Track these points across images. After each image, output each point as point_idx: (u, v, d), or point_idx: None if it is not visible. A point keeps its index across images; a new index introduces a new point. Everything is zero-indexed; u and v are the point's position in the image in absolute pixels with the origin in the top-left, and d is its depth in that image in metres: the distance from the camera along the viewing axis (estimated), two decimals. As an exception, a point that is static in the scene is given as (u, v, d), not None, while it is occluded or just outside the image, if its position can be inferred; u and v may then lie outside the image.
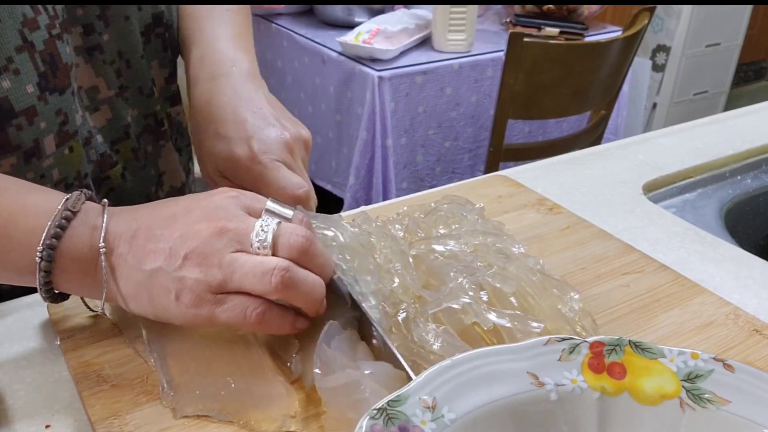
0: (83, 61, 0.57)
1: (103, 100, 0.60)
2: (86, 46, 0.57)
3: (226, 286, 0.44)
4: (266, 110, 0.58)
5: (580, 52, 1.62)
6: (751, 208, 0.84)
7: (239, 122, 0.56)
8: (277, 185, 0.54)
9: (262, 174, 0.54)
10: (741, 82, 3.60)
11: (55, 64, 0.53)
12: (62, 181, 0.57)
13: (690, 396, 0.39)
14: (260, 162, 0.54)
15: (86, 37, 0.57)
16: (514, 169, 0.81)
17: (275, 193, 0.54)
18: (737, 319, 0.55)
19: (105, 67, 0.59)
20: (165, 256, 0.43)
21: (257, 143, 0.55)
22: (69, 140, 0.56)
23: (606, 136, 1.91)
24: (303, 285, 0.44)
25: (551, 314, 0.49)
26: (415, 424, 0.35)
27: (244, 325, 0.45)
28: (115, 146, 0.62)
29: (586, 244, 0.65)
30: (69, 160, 0.57)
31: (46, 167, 0.55)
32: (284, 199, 0.53)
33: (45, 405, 0.46)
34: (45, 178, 0.55)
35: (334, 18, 1.95)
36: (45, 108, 0.53)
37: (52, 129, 0.54)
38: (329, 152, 1.89)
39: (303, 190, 0.55)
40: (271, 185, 0.54)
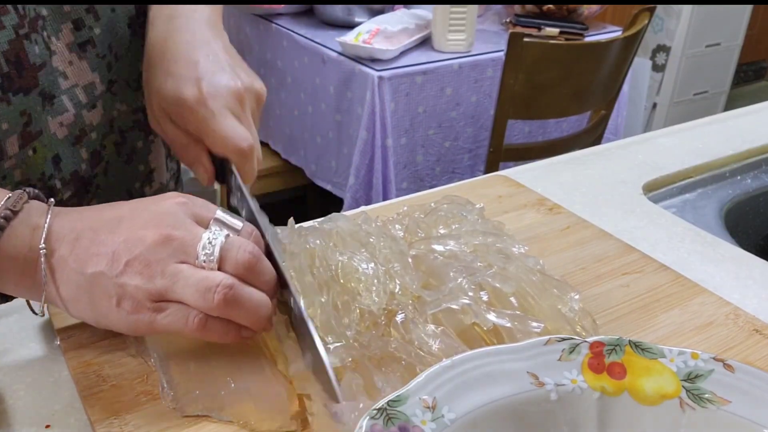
0: (77, 57, 0.56)
1: (98, 96, 0.59)
2: (78, 42, 0.56)
3: (166, 296, 0.43)
4: (221, 56, 0.55)
5: (580, 52, 1.62)
6: (751, 208, 0.84)
7: (191, 62, 0.54)
8: (221, 134, 0.52)
9: (206, 120, 0.52)
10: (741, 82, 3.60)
11: (21, 64, 0.52)
12: (25, 183, 0.55)
13: (690, 396, 0.39)
14: (207, 106, 0.52)
15: (77, 32, 0.56)
16: (514, 169, 0.81)
17: (218, 142, 0.52)
18: (737, 319, 0.55)
19: (98, 62, 0.58)
20: (107, 260, 0.42)
21: (207, 86, 0.52)
22: (32, 141, 0.54)
23: (606, 136, 1.91)
24: (247, 303, 0.43)
25: (551, 314, 0.49)
26: (415, 424, 0.35)
27: (185, 332, 0.43)
28: (103, 141, 0.61)
29: (586, 244, 0.65)
30: (32, 162, 0.55)
31: (8, 168, 0.54)
32: (226, 151, 0.52)
33: (45, 405, 0.46)
34: (6, 179, 0.54)
35: (334, 18, 1.95)
36: (7, 109, 0.52)
37: (15, 130, 0.53)
38: (329, 152, 1.89)
39: (247, 143, 0.52)
40: (215, 133, 0.52)
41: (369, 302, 0.48)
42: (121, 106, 0.62)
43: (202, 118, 0.52)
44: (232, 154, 0.52)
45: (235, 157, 0.52)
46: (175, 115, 0.54)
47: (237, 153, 0.52)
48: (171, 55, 0.55)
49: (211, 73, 0.53)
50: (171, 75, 0.54)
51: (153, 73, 0.55)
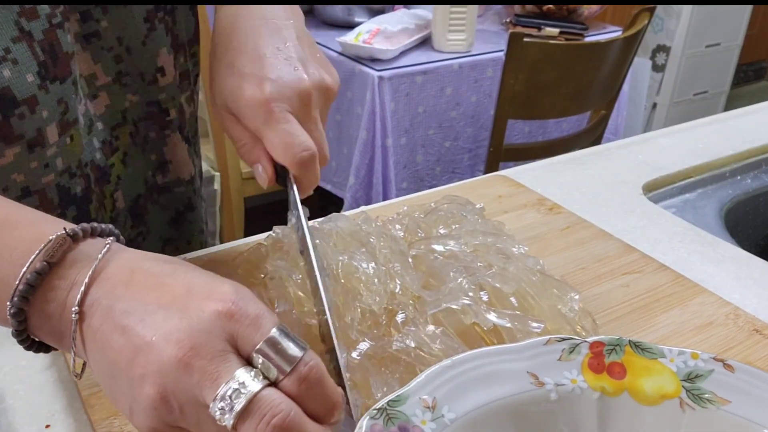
0: (81, 48, 0.56)
1: (101, 87, 0.59)
2: (83, 33, 0.56)
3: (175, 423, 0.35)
4: (291, 47, 0.51)
5: (580, 52, 1.62)
6: (751, 208, 0.84)
7: (257, 57, 0.50)
8: (281, 142, 0.48)
9: (267, 124, 0.48)
10: (741, 82, 3.60)
11: (55, 53, 0.52)
12: (66, 171, 0.56)
13: (690, 396, 0.39)
14: (269, 109, 0.48)
15: (83, 24, 0.55)
16: (514, 169, 0.81)
17: (277, 150, 0.48)
18: (737, 319, 0.55)
19: (103, 53, 0.58)
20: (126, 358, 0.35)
21: (270, 86, 0.49)
22: (70, 129, 0.55)
23: (606, 136, 1.91)
24: None
25: (551, 314, 0.49)
26: (415, 424, 0.35)
27: None
28: (114, 132, 0.61)
29: (586, 244, 0.65)
30: (71, 149, 0.56)
31: (50, 156, 0.54)
32: (285, 160, 0.48)
33: (45, 405, 0.46)
34: (49, 167, 0.54)
35: (334, 18, 1.96)
36: (46, 97, 0.52)
37: (54, 118, 0.53)
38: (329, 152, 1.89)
39: (308, 152, 0.48)
40: (274, 140, 0.48)
41: (370, 301, 0.48)
42: (133, 98, 0.61)
43: (263, 121, 0.49)
44: (291, 164, 0.49)
45: (294, 167, 0.49)
46: (236, 112, 0.51)
47: (296, 163, 0.49)
48: (237, 44, 0.51)
49: (276, 70, 0.50)
50: (234, 71, 0.51)
51: (217, 65, 0.53)
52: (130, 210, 0.65)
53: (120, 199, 0.63)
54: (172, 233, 0.70)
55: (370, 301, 0.49)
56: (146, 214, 0.67)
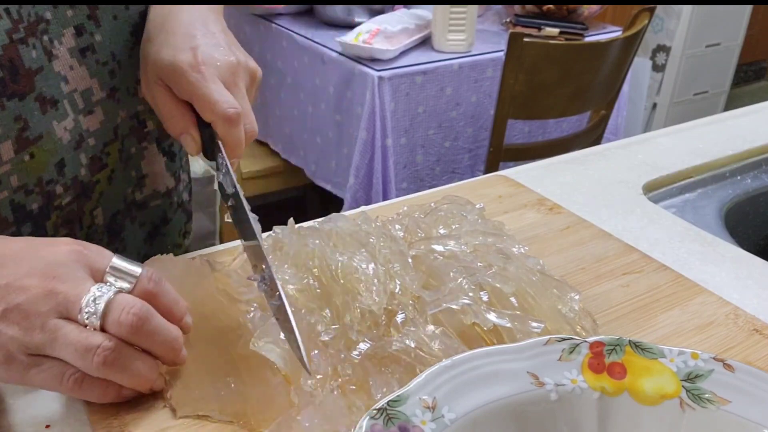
0: (77, 62, 0.57)
1: (96, 102, 0.59)
2: (79, 47, 0.56)
3: (43, 351, 0.41)
4: (219, 35, 0.56)
5: (580, 52, 1.62)
6: (751, 208, 0.84)
7: (189, 35, 0.55)
8: (210, 97, 0.52)
9: (198, 83, 0.52)
10: (741, 82, 3.60)
11: (16, 69, 0.51)
12: (22, 188, 0.55)
13: (690, 396, 0.39)
14: (200, 71, 0.52)
15: (78, 38, 0.56)
16: (514, 169, 0.81)
17: (206, 107, 0.52)
18: (737, 319, 0.55)
19: (99, 68, 0.58)
20: None
21: (202, 54, 0.53)
22: (29, 146, 0.54)
23: (606, 136, 1.91)
24: (129, 368, 0.42)
25: (551, 314, 0.49)
26: (415, 424, 0.35)
27: (60, 390, 0.42)
28: (106, 149, 0.61)
29: (586, 244, 0.65)
30: (29, 167, 0.55)
31: (3, 173, 0.53)
32: (213, 116, 0.52)
33: (45, 405, 0.46)
34: (2, 184, 0.53)
35: (334, 18, 1.95)
36: (2, 114, 0.51)
37: (10, 135, 0.52)
38: (329, 152, 1.89)
39: (234, 110, 0.52)
40: (203, 96, 0.52)
41: (370, 302, 0.48)
42: (122, 113, 0.62)
43: (194, 81, 0.52)
44: (219, 120, 0.52)
45: (222, 123, 0.52)
46: (168, 79, 0.54)
47: (224, 118, 0.52)
48: (170, 28, 0.56)
49: (206, 45, 0.54)
50: (168, 44, 0.55)
51: (150, 44, 0.56)
52: (108, 227, 0.65)
53: (99, 215, 0.63)
54: (147, 249, 0.70)
55: (370, 301, 0.49)
56: (123, 231, 0.67)
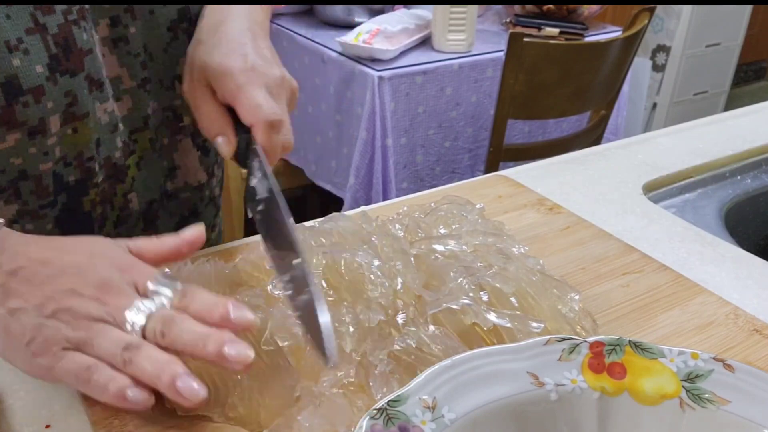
0: (108, 51, 0.59)
1: (125, 90, 0.61)
2: (112, 37, 0.59)
3: (82, 348, 0.43)
4: (266, 51, 0.58)
5: (580, 52, 1.62)
6: (751, 208, 0.84)
7: (240, 44, 0.57)
8: (255, 101, 0.53)
9: (245, 86, 0.54)
10: (741, 82, 3.60)
11: (69, 47, 0.54)
12: (61, 159, 0.58)
13: (690, 396, 0.39)
14: (249, 76, 0.54)
15: (112, 28, 0.58)
16: (514, 169, 0.81)
17: (250, 110, 0.53)
18: (737, 319, 0.55)
19: (129, 59, 0.60)
20: (38, 301, 0.43)
21: (253, 60, 0.55)
22: (74, 121, 0.57)
23: (606, 136, 1.91)
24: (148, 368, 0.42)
25: (551, 314, 0.49)
26: (415, 424, 0.36)
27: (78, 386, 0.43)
28: (133, 136, 0.63)
29: (586, 244, 0.65)
30: (72, 141, 0.57)
31: (50, 145, 0.56)
32: (256, 119, 0.53)
33: (45, 405, 0.46)
34: (48, 155, 0.56)
35: (334, 18, 1.95)
36: (53, 88, 0.54)
37: (59, 109, 0.55)
38: (329, 152, 1.89)
39: (277, 116, 0.54)
40: (249, 99, 0.54)
41: (376, 294, 0.48)
42: (154, 104, 0.64)
43: (241, 83, 0.54)
44: (261, 123, 0.53)
45: (263, 127, 0.53)
46: (215, 80, 0.55)
47: (266, 123, 0.53)
48: (222, 35, 0.57)
49: (256, 55, 0.56)
50: (218, 50, 0.56)
51: (201, 46, 0.58)
52: (144, 214, 0.67)
53: (135, 200, 0.65)
54: None
55: (377, 294, 0.49)
56: (158, 219, 0.69)
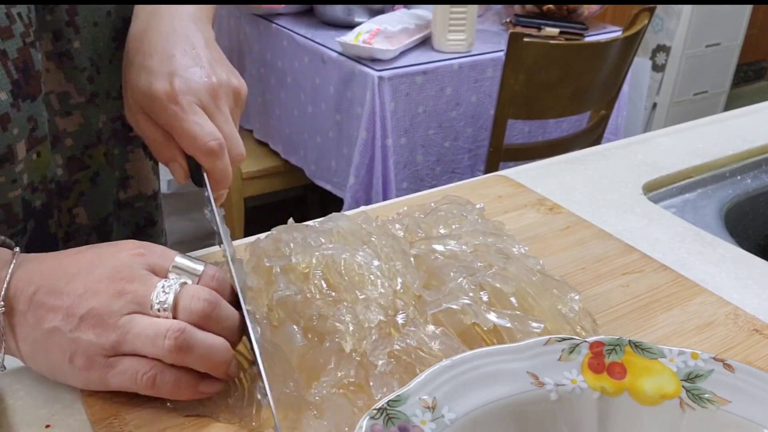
0: (54, 66, 0.56)
1: (75, 105, 0.59)
2: (56, 52, 0.56)
3: (119, 348, 0.42)
4: (200, 51, 0.54)
5: (580, 52, 1.62)
6: (751, 208, 0.84)
7: (167, 57, 0.52)
8: (189, 132, 0.50)
9: (176, 115, 0.51)
10: (741, 82, 3.60)
11: (28, 71, 0.52)
12: (29, 185, 0.56)
13: (690, 396, 0.39)
14: (177, 102, 0.50)
15: (56, 42, 0.56)
16: (514, 169, 0.81)
17: (186, 141, 0.51)
18: (737, 319, 0.55)
19: (76, 74, 0.58)
20: (63, 315, 0.42)
21: (179, 81, 0.51)
22: (37, 145, 0.55)
23: (606, 136, 1.91)
24: (200, 348, 0.43)
25: (551, 314, 0.49)
26: (415, 424, 0.35)
27: (137, 390, 0.43)
28: (88, 151, 0.61)
29: (586, 244, 0.65)
30: (36, 165, 0.56)
31: (18, 172, 0.54)
32: (194, 150, 0.51)
33: (45, 405, 0.46)
34: (16, 182, 0.54)
35: (334, 18, 1.95)
36: (17, 115, 0.52)
37: (24, 135, 0.53)
38: (329, 152, 1.89)
39: (216, 142, 0.51)
40: (183, 130, 0.51)
41: (376, 295, 0.48)
42: (104, 116, 0.62)
43: (172, 113, 0.51)
44: (200, 154, 0.51)
45: (203, 156, 0.51)
46: (148, 110, 0.53)
47: (205, 152, 0.51)
48: (147, 49, 0.54)
49: (185, 68, 0.52)
50: (145, 69, 0.53)
51: (129, 66, 0.55)
52: (97, 228, 0.65)
53: (82, 215, 0.63)
54: None
55: (376, 294, 0.49)
56: (111, 231, 0.67)
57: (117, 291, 0.43)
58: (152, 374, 0.43)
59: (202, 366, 0.44)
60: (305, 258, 0.51)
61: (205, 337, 0.43)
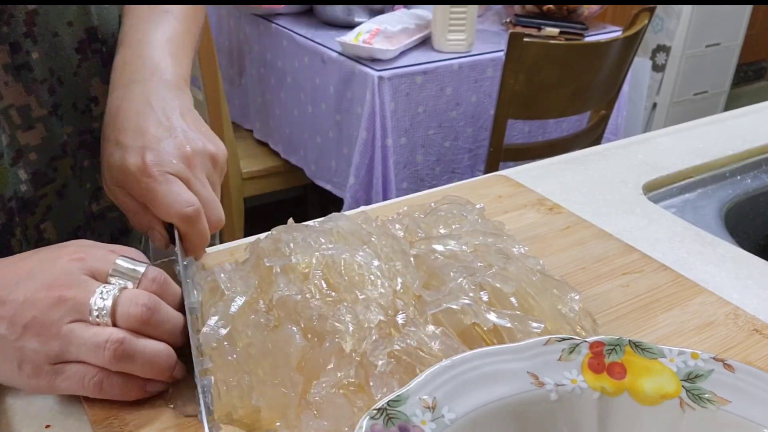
0: (12, 79, 0.55)
1: (37, 118, 0.58)
2: (14, 65, 0.55)
3: (64, 357, 0.43)
4: (176, 122, 0.54)
5: (580, 52, 1.62)
6: (751, 208, 0.84)
7: (140, 131, 0.53)
8: (163, 201, 0.50)
9: (150, 188, 0.51)
10: (741, 82, 3.60)
11: None
12: None
13: (690, 396, 0.39)
14: (150, 174, 0.50)
15: (13, 55, 0.55)
16: (514, 169, 0.81)
17: (161, 210, 0.51)
18: (737, 319, 0.55)
19: (36, 86, 0.57)
20: (7, 324, 0.42)
21: (151, 154, 0.51)
22: None
23: (606, 136, 1.91)
24: (141, 357, 0.43)
25: (551, 314, 0.49)
26: (415, 424, 0.35)
27: (85, 393, 0.44)
28: (53, 164, 0.60)
29: (586, 244, 0.65)
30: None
31: None
32: (170, 218, 0.51)
33: (45, 405, 0.46)
34: None
35: (334, 18, 1.95)
36: None
37: None
38: (329, 152, 1.89)
39: (191, 208, 0.51)
40: (156, 200, 0.51)
41: (376, 295, 0.48)
42: (68, 128, 0.61)
43: (145, 186, 0.51)
44: (177, 221, 0.51)
45: (180, 223, 0.51)
46: (122, 185, 0.53)
47: (181, 219, 0.51)
48: (121, 125, 0.54)
49: (158, 140, 0.52)
50: (119, 145, 0.53)
51: (105, 142, 0.55)
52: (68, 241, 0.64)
53: (50, 230, 0.62)
54: None
55: (376, 294, 0.49)
56: None
57: (56, 299, 0.43)
58: (98, 379, 0.43)
59: (144, 372, 0.44)
60: (305, 258, 0.51)
61: (146, 345, 0.44)
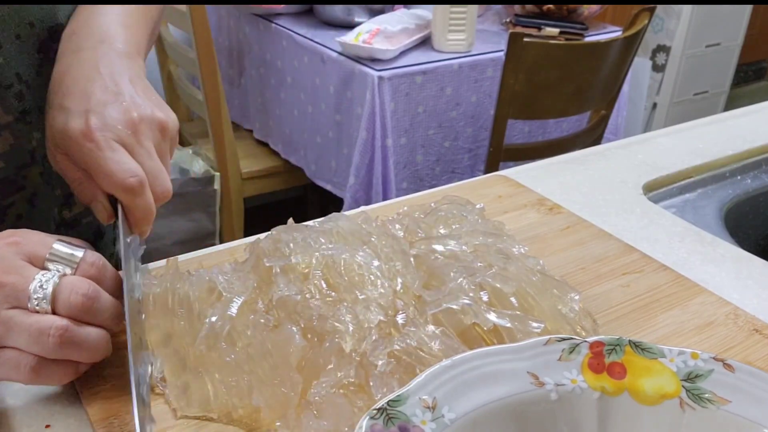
0: None
1: (3, 126, 0.56)
2: None
3: (1, 342, 0.42)
4: (124, 88, 0.51)
5: (580, 52, 1.62)
6: (751, 208, 0.84)
7: (85, 95, 0.50)
8: (106, 169, 0.48)
9: (92, 153, 0.48)
10: (741, 82, 3.60)
11: None
12: None
13: (690, 396, 0.39)
14: (93, 139, 0.48)
15: None
16: (514, 169, 0.81)
17: (103, 179, 0.48)
18: (737, 319, 0.55)
19: (1, 91, 0.55)
20: None
21: (95, 118, 0.48)
22: None
23: (606, 136, 1.91)
24: (84, 343, 0.43)
25: (551, 314, 0.49)
26: (415, 424, 0.36)
27: (19, 380, 0.43)
28: (22, 171, 0.59)
29: (586, 244, 0.65)
30: None
31: None
32: (112, 188, 0.48)
33: (45, 405, 0.46)
34: None
35: (334, 18, 1.95)
36: None
37: None
38: (329, 152, 1.89)
39: (135, 179, 0.48)
40: (99, 168, 0.48)
41: (376, 295, 0.48)
42: (38, 134, 0.59)
43: (87, 151, 0.48)
44: (119, 191, 0.48)
45: (122, 194, 0.48)
46: (65, 150, 0.50)
47: (123, 190, 0.48)
48: (66, 89, 0.51)
49: (102, 104, 0.49)
50: (63, 109, 0.50)
51: (49, 108, 0.52)
52: None
53: None
54: None
55: (376, 294, 0.49)
56: None
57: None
58: (33, 365, 0.43)
59: (82, 357, 0.44)
60: (305, 258, 0.51)
61: (88, 333, 0.44)
